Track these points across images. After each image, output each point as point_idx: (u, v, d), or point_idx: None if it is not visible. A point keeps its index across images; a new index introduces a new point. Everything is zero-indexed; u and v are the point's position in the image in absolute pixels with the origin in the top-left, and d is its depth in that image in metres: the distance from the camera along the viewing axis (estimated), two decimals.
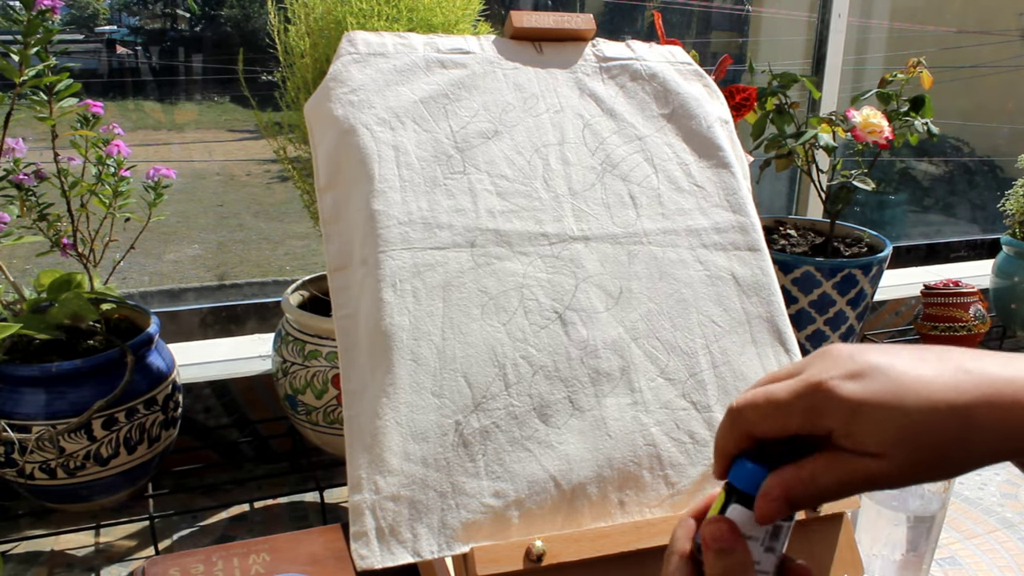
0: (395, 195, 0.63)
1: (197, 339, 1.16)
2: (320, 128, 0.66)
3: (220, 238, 2.52)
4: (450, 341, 0.59)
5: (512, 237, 0.64)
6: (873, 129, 1.02)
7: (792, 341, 0.68)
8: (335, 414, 0.86)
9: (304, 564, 0.66)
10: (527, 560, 0.54)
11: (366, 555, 0.52)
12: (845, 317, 1.06)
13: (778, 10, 1.97)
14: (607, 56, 0.76)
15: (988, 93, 2.66)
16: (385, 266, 0.60)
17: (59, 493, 0.80)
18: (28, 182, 0.80)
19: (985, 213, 2.57)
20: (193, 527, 0.89)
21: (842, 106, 1.48)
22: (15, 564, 0.82)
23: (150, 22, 1.93)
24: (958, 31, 2.53)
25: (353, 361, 0.60)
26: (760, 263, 0.70)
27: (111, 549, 0.85)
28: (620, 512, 0.59)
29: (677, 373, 0.63)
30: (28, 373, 0.76)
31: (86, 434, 0.77)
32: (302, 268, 2.50)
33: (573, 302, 0.63)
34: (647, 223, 0.69)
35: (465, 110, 0.68)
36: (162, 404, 0.83)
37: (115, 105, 1.90)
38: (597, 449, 0.59)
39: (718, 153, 0.74)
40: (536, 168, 0.68)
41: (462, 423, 0.57)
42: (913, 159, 2.66)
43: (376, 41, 0.69)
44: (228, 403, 1.01)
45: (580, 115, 0.72)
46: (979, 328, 1.24)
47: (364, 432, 0.56)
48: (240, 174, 2.79)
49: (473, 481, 0.55)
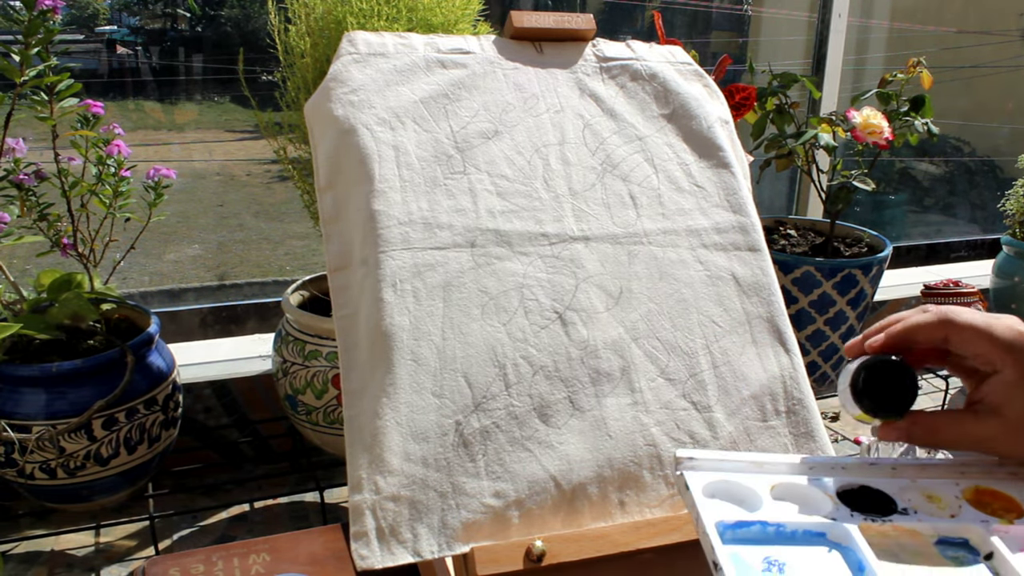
0: (395, 195, 0.62)
1: (197, 339, 1.16)
2: (320, 128, 0.66)
3: (220, 238, 2.52)
4: (450, 341, 0.59)
5: (512, 237, 0.64)
6: (873, 129, 1.02)
7: (792, 341, 0.68)
8: (335, 414, 0.86)
9: (304, 564, 0.66)
10: (527, 560, 0.53)
11: (366, 555, 0.52)
12: (845, 317, 1.07)
13: (778, 10, 1.97)
14: (607, 56, 0.76)
15: (988, 93, 2.66)
16: (385, 266, 0.60)
17: (59, 493, 0.80)
18: (28, 182, 0.80)
19: (985, 213, 2.57)
20: (193, 527, 0.89)
21: (842, 106, 1.48)
22: (15, 564, 0.82)
23: (150, 22, 1.93)
24: (958, 31, 2.53)
25: (353, 361, 0.60)
26: (760, 263, 0.70)
27: (111, 549, 0.85)
28: (620, 512, 0.59)
29: (677, 373, 0.63)
30: (28, 373, 0.76)
31: (86, 434, 0.77)
32: (302, 268, 2.50)
33: (573, 302, 0.63)
34: (647, 223, 0.69)
35: (465, 110, 0.68)
36: (162, 404, 0.83)
37: (115, 105, 1.90)
38: (597, 449, 0.59)
39: (718, 153, 0.74)
40: (536, 168, 0.68)
41: (462, 423, 0.57)
42: (913, 159, 2.66)
43: (376, 41, 0.69)
44: (228, 403, 1.01)
45: (580, 115, 0.72)
46: None
47: (364, 432, 0.56)
48: (240, 174, 2.79)
49: (473, 481, 0.55)
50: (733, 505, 0.48)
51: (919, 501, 0.49)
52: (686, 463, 0.50)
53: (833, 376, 1.12)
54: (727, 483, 0.50)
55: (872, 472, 0.51)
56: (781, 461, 0.51)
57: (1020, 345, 0.49)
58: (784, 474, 0.51)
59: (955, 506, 0.49)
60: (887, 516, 0.47)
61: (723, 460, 0.50)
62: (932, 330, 0.51)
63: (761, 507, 0.48)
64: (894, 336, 0.52)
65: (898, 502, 0.49)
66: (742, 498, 0.49)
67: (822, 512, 0.47)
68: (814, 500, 0.49)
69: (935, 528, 0.47)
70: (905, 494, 0.50)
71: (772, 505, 0.48)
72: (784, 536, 0.46)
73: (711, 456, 0.50)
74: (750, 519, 0.46)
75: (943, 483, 0.51)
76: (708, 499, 0.48)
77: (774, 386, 0.65)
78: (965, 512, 0.48)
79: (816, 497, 0.49)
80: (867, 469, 0.51)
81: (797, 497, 0.49)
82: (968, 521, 0.48)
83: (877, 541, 0.46)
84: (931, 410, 0.52)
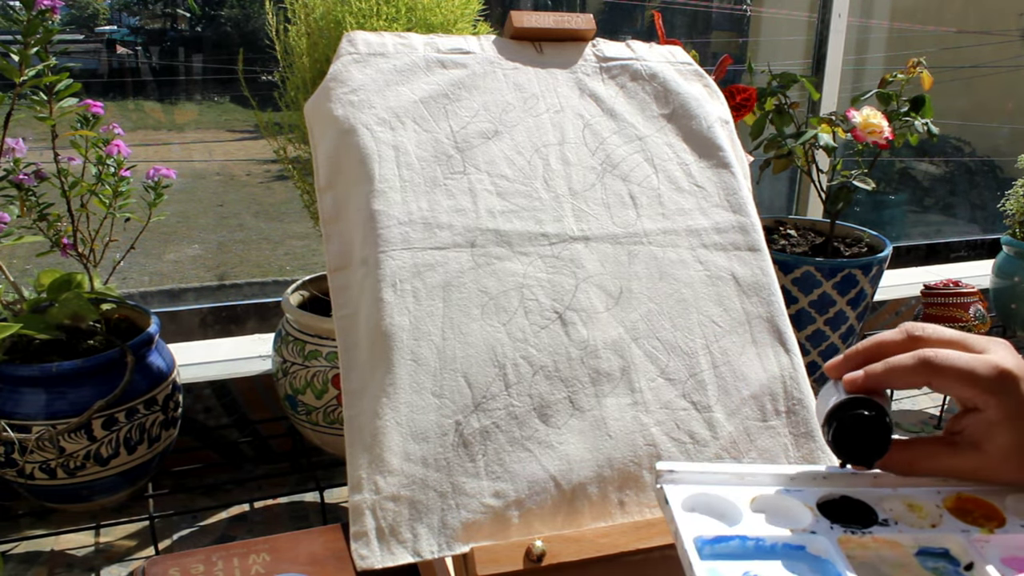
0: (395, 195, 0.63)
1: (197, 339, 1.16)
2: (320, 128, 0.66)
3: (220, 238, 2.52)
4: (450, 341, 0.59)
5: (512, 237, 0.64)
6: (873, 129, 1.02)
7: (792, 341, 0.68)
8: (335, 414, 0.86)
9: (304, 564, 0.66)
10: (527, 560, 0.53)
11: (366, 555, 0.52)
12: (845, 317, 1.07)
13: (778, 10, 1.97)
14: (607, 56, 0.76)
15: (988, 93, 2.66)
16: (385, 266, 0.60)
17: (59, 493, 0.80)
18: (28, 182, 0.80)
19: (985, 213, 2.57)
20: (193, 527, 0.89)
21: (842, 106, 1.48)
22: (15, 564, 0.82)
23: (150, 22, 1.93)
24: (958, 31, 2.53)
25: (353, 361, 0.60)
26: (760, 263, 0.70)
27: (111, 549, 0.85)
28: (620, 512, 0.59)
29: (677, 373, 0.63)
30: (28, 373, 0.76)
31: (86, 434, 0.77)
32: (302, 268, 2.50)
33: (573, 302, 0.63)
34: (647, 223, 0.69)
35: (465, 110, 0.68)
36: (162, 404, 0.83)
37: (115, 105, 1.90)
38: (597, 449, 0.59)
39: (718, 153, 0.74)
40: (536, 168, 0.68)
41: (462, 423, 0.57)
42: (913, 159, 2.66)
43: (376, 41, 0.69)
44: (228, 403, 1.01)
45: (580, 115, 0.72)
46: (979, 328, 1.24)
47: (364, 432, 0.56)
48: (240, 174, 2.79)
49: (473, 481, 0.55)
50: (712, 519, 0.48)
51: (900, 511, 0.49)
52: (666, 476, 0.49)
53: None
54: (707, 496, 0.49)
55: (853, 482, 0.51)
56: (762, 472, 0.51)
57: (1003, 386, 0.47)
58: (765, 486, 0.50)
59: (936, 515, 0.49)
60: (867, 528, 0.47)
61: (704, 472, 0.50)
62: (912, 375, 0.49)
63: (741, 521, 0.47)
64: (874, 378, 0.50)
65: (879, 512, 0.49)
66: (722, 511, 0.49)
67: (802, 525, 0.47)
68: (794, 513, 0.49)
69: (915, 539, 0.47)
70: (886, 503, 0.50)
71: (751, 518, 0.48)
72: (763, 550, 0.46)
73: (691, 468, 0.50)
74: (729, 534, 0.46)
75: (925, 491, 0.50)
76: (687, 513, 0.48)
77: (774, 386, 0.65)
78: (946, 522, 0.48)
79: (796, 509, 0.49)
80: (848, 478, 0.51)
81: (777, 510, 0.49)
82: (949, 531, 0.47)
83: (857, 553, 0.46)
84: (906, 439, 0.51)
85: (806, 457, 0.64)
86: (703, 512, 0.48)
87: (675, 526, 0.46)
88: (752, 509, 0.48)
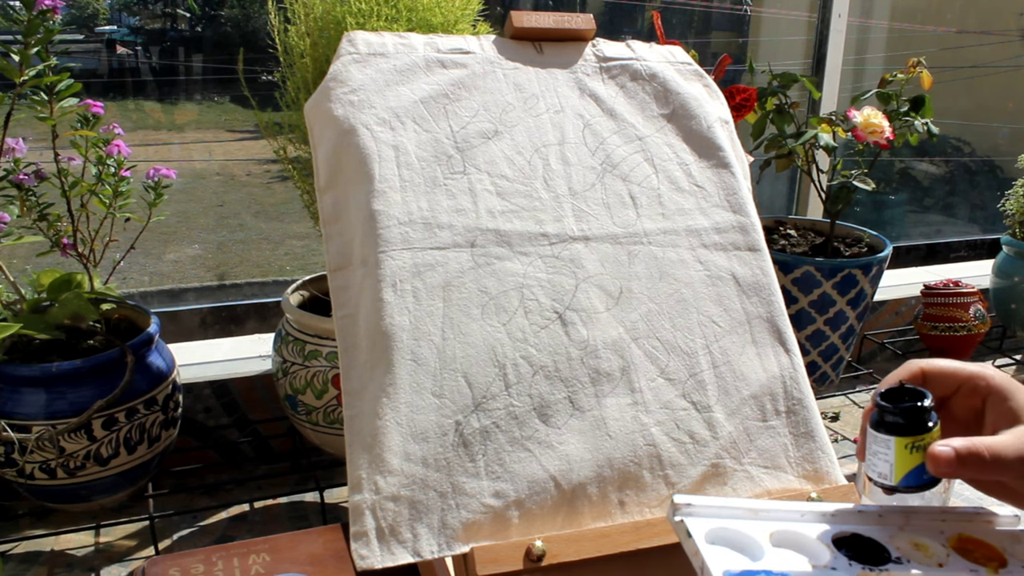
0: (395, 195, 0.63)
1: (197, 339, 1.16)
2: (320, 128, 0.66)
3: (220, 238, 2.52)
4: (450, 341, 0.59)
5: (512, 237, 0.64)
6: (874, 129, 1.02)
7: (792, 341, 0.68)
8: (335, 414, 0.86)
9: (304, 564, 0.66)
10: (527, 560, 0.53)
11: (366, 555, 0.52)
12: (845, 317, 1.07)
13: (778, 10, 1.97)
14: (607, 56, 0.76)
15: (988, 93, 2.66)
16: (385, 266, 0.60)
17: (59, 493, 0.80)
18: (28, 182, 0.80)
19: (985, 213, 2.57)
20: (193, 527, 0.89)
21: (842, 106, 1.48)
22: (15, 564, 0.82)
23: (150, 22, 1.93)
24: (958, 31, 2.53)
25: (353, 361, 0.60)
26: (760, 263, 0.70)
27: (111, 549, 0.85)
28: (620, 512, 0.59)
29: (677, 373, 0.63)
30: (28, 373, 0.76)
31: (86, 434, 0.77)
32: (302, 268, 2.49)
33: (573, 302, 0.63)
34: (647, 223, 0.69)
35: (465, 110, 0.68)
36: (162, 404, 0.83)
37: (115, 105, 1.90)
38: (597, 449, 0.59)
39: (718, 153, 0.74)
40: (536, 168, 0.68)
41: (462, 423, 0.57)
42: (913, 159, 2.66)
43: (376, 41, 0.69)
44: (228, 403, 1.01)
45: (580, 115, 0.72)
46: (979, 328, 1.24)
47: (364, 432, 0.56)
48: (240, 174, 2.79)
49: (473, 481, 0.55)
50: (736, 553, 0.48)
51: (908, 549, 0.50)
52: (684, 509, 0.49)
53: (833, 376, 1.12)
54: (726, 530, 0.50)
55: (860, 519, 0.52)
56: (775, 508, 0.51)
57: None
58: (779, 521, 0.51)
59: (943, 555, 0.49)
60: (883, 565, 0.48)
61: (721, 507, 0.50)
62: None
63: (764, 556, 0.48)
64: None
65: (891, 551, 0.49)
66: (743, 546, 0.49)
67: (822, 561, 0.48)
68: (813, 548, 0.49)
69: None
70: (894, 542, 0.50)
71: (773, 553, 0.48)
72: None
73: (709, 502, 0.50)
74: (755, 568, 0.47)
75: (928, 531, 0.51)
76: (711, 546, 0.48)
77: (774, 386, 0.65)
78: (953, 561, 0.49)
79: (814, 545, 0.49)
80: (855, 516, 0.52)
81: (796, 545, 0.49)
82: (957, 570, 0.48)
83: None
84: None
85: (806, 457, 0.64)
86: (725, 545, 0.49)
87: (701, 560, 0.46)
88: (772, 544, 0.49)
